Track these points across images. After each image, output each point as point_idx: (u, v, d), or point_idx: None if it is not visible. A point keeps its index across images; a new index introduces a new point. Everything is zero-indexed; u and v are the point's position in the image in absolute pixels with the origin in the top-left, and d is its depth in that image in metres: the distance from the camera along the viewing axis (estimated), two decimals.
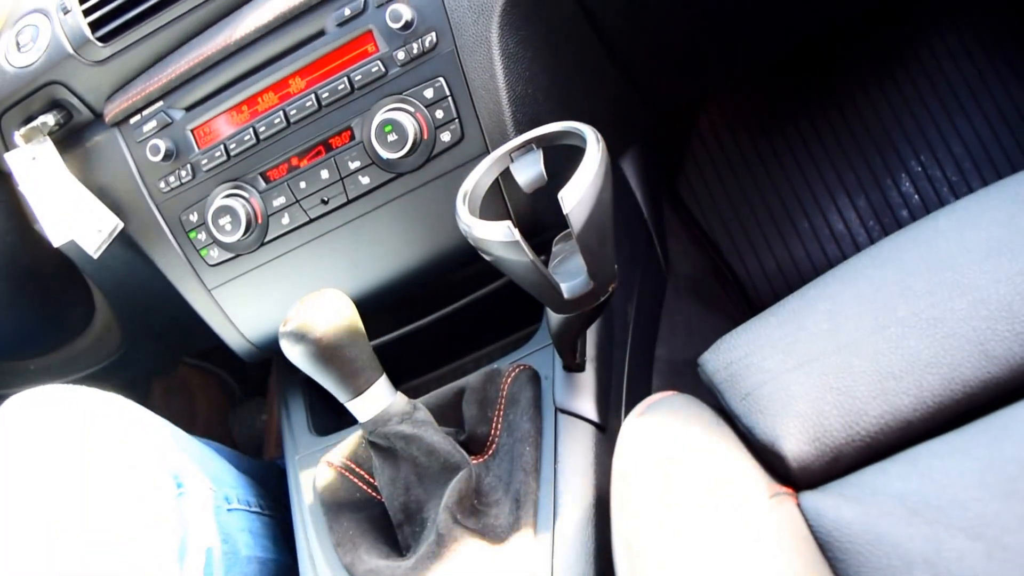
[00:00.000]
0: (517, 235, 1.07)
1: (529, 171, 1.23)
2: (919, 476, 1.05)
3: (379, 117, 1.47)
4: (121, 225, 1.62)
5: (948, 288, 1.15)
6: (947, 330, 1.12)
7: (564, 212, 1.06)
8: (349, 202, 1.54)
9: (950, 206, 1.28)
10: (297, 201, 1.55)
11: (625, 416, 1.28)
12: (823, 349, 1.20)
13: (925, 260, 1.21)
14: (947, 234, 1.22)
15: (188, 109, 1.59)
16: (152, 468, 1.46)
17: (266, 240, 1.58)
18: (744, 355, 1.29)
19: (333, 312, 1.30)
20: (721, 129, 2.71)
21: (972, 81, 2.49)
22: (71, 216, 1.59)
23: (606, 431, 1.44)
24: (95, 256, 1.60)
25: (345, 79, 1.49)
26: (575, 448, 1.39)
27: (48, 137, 1.59)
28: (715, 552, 1.05)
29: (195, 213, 1.59)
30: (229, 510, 1.59)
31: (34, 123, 1.57)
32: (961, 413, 1.10)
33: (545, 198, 1.42)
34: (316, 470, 1.53)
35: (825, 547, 1.08)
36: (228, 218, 1.53)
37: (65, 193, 1.58)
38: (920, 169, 2.47)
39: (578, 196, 1.05)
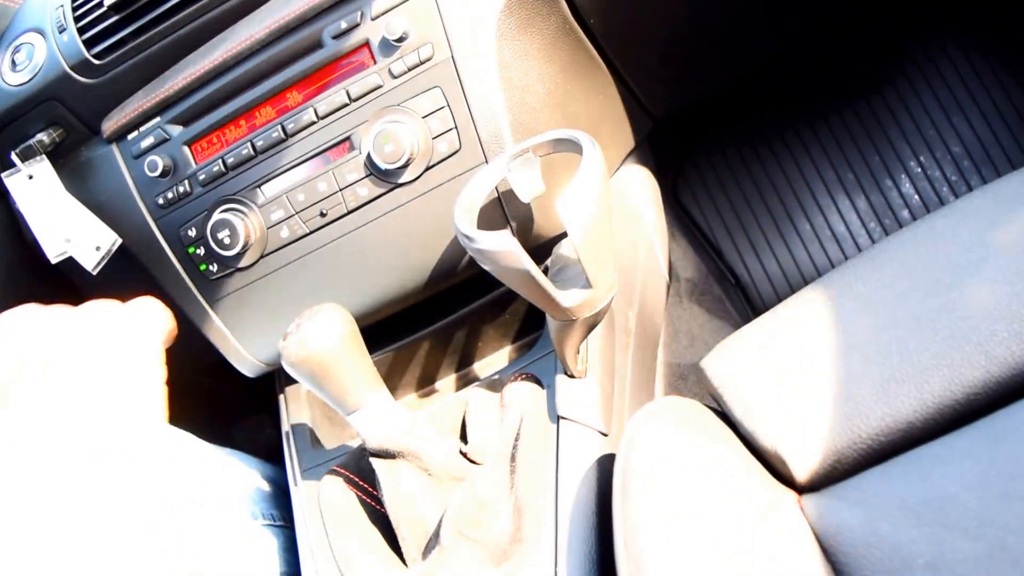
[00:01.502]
0: (515, 244, 1.08)
1: (527, 180, 1.23)
2: (921, 478, 1.06)
3: (377, 128, 1.47)
4: (119, 241, 1.63)
5: (947, 289, 1.16)
6: (947, 332, 1.13)
7: (562, 220, 1.06)
8: (348, 213, 1.54)
9: (948, 206, 1.28)
10: (296, 214, 1.55)
11: (628, 422, 1.28)
12: (824, 352, 1.21)
13: (923, 261, 1.21)
14: (945, 235, 1.23)
15: (185, 124, 1.59)
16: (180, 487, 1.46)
17: (265, 253, 1.58)
18: (745, 359, 1.29)
19: (332, 327, 1.30)
20: (720, 133, 2.71)
21: (969, 80, 2.50)
22: (68, 233, 1.59)
23: (608, 437, 1.45)
24: (93, 272, 1.61)
25: (342, 91, 1.49)
26: (577, 455, 1.38)
27: (45, 156, 1.60)
28: (719, 558, 1.05)
29: (193, 228, 1.59)
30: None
31: (31, 141, 1.58)
32: (962, 414, 1.10)
33: (543, 206, 1.42)
34: (320, 482, 1.53)
35: (828, 550, 1.09)
36: (226, 232, 1.53)
37: (62, 211, 1.59)
38: (919, 169, 2.48)
39: (576, 204, 1.06)
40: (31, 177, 1.59)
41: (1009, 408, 1.07)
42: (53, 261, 1.61)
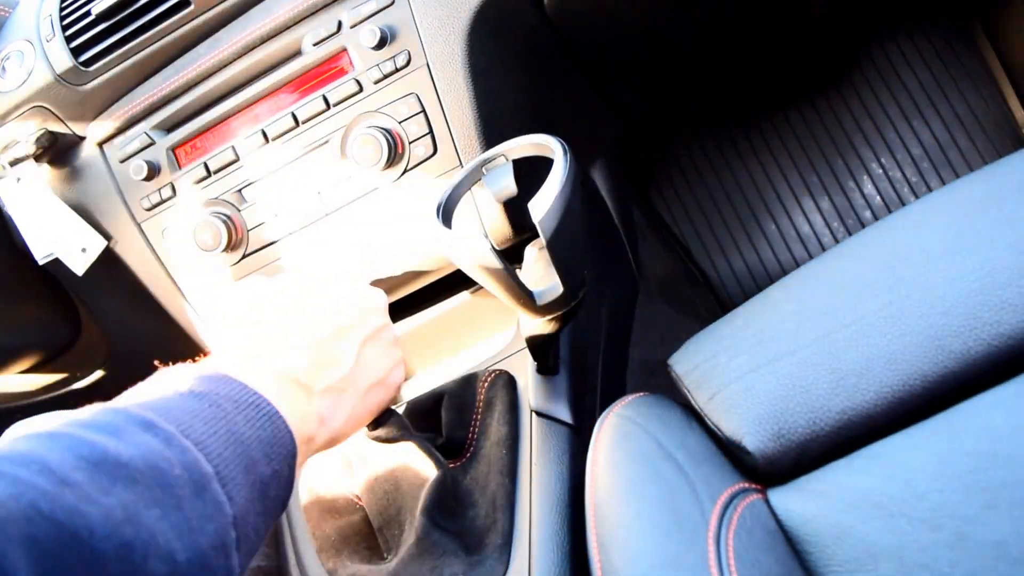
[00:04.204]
0: (488, 245, 1.10)
1: (500, 183, 1.25)
2: (882, 470, 1.08)
3: (355, 133, 1.49)
4: (105, 244, 1.65)
5: (906, 287, 1.18)
6: (905, 327, 1.15)
7: (533, 222, 1.09)
8: (326, 216, 1.57)
9: (907, 207, 1.31)
10: (276, 216, 1.57)
11: (599, 416, 1.31)
12: (786, 348, 1.23)
13: (883, 260, 1.23)
14: (904, 234, 1.25)
15: (169, 129, 1.62)
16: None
17: (247, 254, 1.60)
18: (710, 356, 1.32)
19: None
20: (689, 136, 2.74)
21: (928, 84, 2.53)
22: (56, 236, 1.61)
23: (580, 432, 1.47)
24: (80, 274, 1.63)
25: (321, 97, 1.52)
26: (550, 450, 1.41)
27: (33, 159, 1.62)
28: (687, 548, 1.07)
29: (177, 230, 1.62)
30: None
31: (19, 145, 1.60)
32: (922, 407, 1.12)
33: (517, 208, 1.46)
34: (300, 475, 1.55)
35: (793, 541, 1.11)
36: (209, 234, 1.56)
37: (50, 214, 1.61)
38: (881, 171, 2.51)
39: (546, 206, 1.08)
40: (19, 180, 1.61)
41: (967, 402, 1.10)
42: (40, 263, 1.63)
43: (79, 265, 1.63)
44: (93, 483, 0.74)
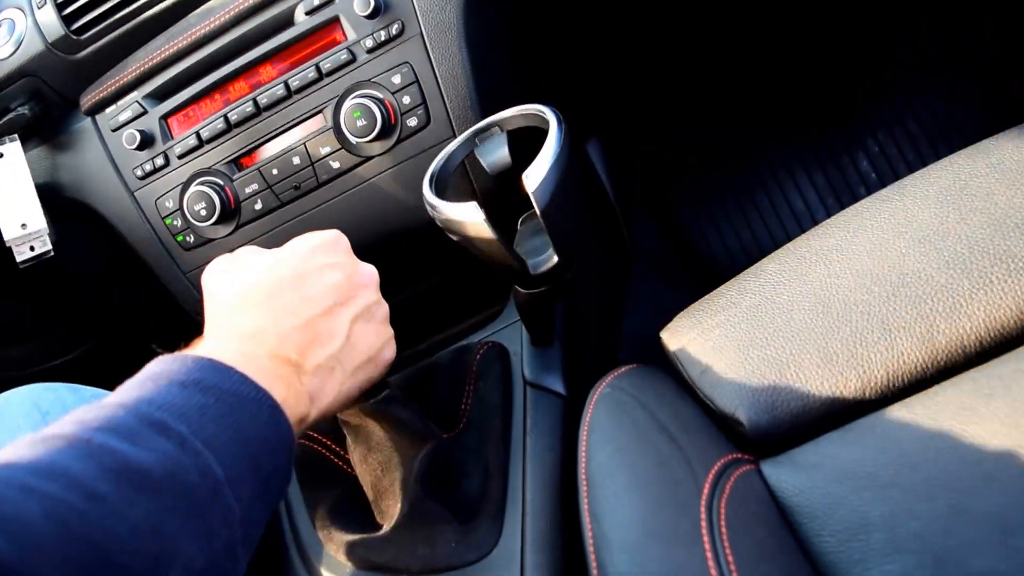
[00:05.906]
0: (482, 216, 1.10)
1: (494, 153, 1.25)
2: (875, 441, 1.08)
3: (348, 103, 1.49)
4: (52, 253, 1.65)
5: (898, 263, 1.18)
6: (897, 303, 1.15)
7: (527, 192, 1.09)
8: (320, 186, 1.56)
9: (900, 182, 1.31)
10: (269, 187, 1.57)
11: (592, 388, 1.31)
12: (778, 322, 1.23)
13: (876, 235, 1.23)
14: (896, 210, 1.25)
15: (162, 98, 1.61)
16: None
17: (240, 225, 1.60)
18: (703, 330, 1.32)
19: None
20: (683, 111, 2.73)
21: (928, 61, 2.52)
22: (24, 219, 1.60)
23: (574, 403, 1.48)
24: (19, 267, 1.63)
25: (314, 67, 1.51)
26: (543, 420, 1.42)
27: (18, 137, 1.61)
28: (679, 517, 1.07)
29: (170, 200, 1.61)
30: None
31: (10, 115, 1.59)
32: (915, 381, 1.12)
33: (511, 179, 1.45)
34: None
35: (786, 512, 1.11)
36: (202, 204, 1.55)
37: (22, 195, 1.60)
38: (877, 148, 2.50)
39: (540, 176, 1.08)
40: (1, 156, 1.60)
41: (963, 375, 1.10)
42: (7, 243, 1.62)
43: (21, 258, 1.62)
44: (119, 495, 0.75)
